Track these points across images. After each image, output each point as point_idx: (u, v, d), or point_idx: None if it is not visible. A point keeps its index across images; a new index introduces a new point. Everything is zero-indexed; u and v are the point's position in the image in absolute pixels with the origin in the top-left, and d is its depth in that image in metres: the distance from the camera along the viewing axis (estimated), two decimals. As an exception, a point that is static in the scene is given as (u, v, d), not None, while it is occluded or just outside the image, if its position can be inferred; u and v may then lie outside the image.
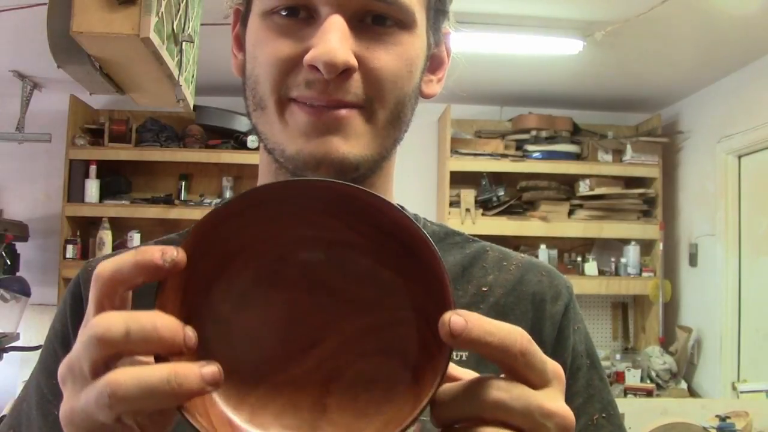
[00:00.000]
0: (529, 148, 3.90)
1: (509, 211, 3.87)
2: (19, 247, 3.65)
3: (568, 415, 0.39)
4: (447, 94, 0.71)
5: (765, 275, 3.27)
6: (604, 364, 3.77)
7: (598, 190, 3.88)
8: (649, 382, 3.69)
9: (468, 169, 3.86)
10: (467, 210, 3.81)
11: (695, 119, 3.86)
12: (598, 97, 3.98)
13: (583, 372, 0.67)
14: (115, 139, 3.76)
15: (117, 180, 3.85)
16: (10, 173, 3.97)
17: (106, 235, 3.67)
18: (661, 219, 3.92)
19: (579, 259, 4.02)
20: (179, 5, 1.69)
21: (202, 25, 2.02)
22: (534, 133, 3.90)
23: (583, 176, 3.91)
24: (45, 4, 1.54)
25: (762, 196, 3.33)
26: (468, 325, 0.36)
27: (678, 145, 4.02)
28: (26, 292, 3.30)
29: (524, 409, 0.37)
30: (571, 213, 3.93)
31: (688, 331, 3.71)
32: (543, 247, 3.94)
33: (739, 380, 3.33)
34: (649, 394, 3.56)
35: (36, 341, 3.46)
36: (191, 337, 0.36)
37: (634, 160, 3.90)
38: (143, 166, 3.89)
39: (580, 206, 3.93)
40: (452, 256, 0.69)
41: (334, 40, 0.53)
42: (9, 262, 3.51)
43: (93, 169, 3.74)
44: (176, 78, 1.77)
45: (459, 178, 3.86)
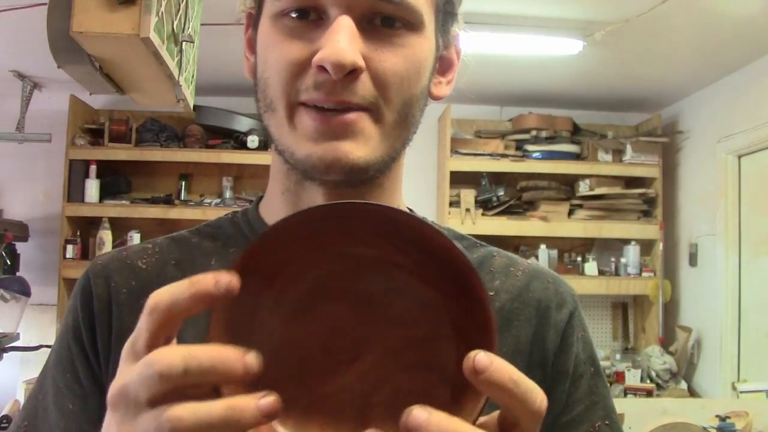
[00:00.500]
0: (529, 148, 3.90)
1: (509, 211, 3.86)
2: (19, 247, 3.65)
3: None
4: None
5: (765, 275, 3.27)
6: (604, 364, 3.77)
7: (598, 190, 3.88)
8: (649, 382, 3.69)
9: (468, 169, 3.85)
10: (467, 210, 3.81)
11: (695, 119, 3.86)
12: (598, 97, 3.98)
13: (585, 379, 0.67)
14: (115, 139, 3.76)
15: (117, 180, 3.85)
16: (10, 173, 3.97)
17: (106, 235, 3.68)
18: (661, 219, 3.92)
19: (579, 259, 4.02)
20: (179, 5, 1.69)
21: (202, 25, 2.02)
22: (534, 133, 3.89)
23: (583, 176, 3.91)
24: (45, 4, 1.54)
25: (762, 196, 3.32)
26: (492, 366, 0.37)
27: (678, 145, 4.01)
28: (26, 292, 3.29)
29: None
30: (571, 213, 3.93)
31: (688, 331, 3.71)
32: (543, 247, 3.94)
33: (739, 380, 3.33)
34: (649, 394, 3.56)
35: (36, 341, 3.46)
36: (253, 365, 0.36)
37: (634, 160, 3.90)
38: (143, 166, 3.88)
39: (580, 206, 3.92)
40: None
41: (342, 41, 0.54)
42: (9, 262, 3.51)
43: (93, 169, 3.74)
44: (176, 78, 1.77)
45: (459, 178, 3.85)
